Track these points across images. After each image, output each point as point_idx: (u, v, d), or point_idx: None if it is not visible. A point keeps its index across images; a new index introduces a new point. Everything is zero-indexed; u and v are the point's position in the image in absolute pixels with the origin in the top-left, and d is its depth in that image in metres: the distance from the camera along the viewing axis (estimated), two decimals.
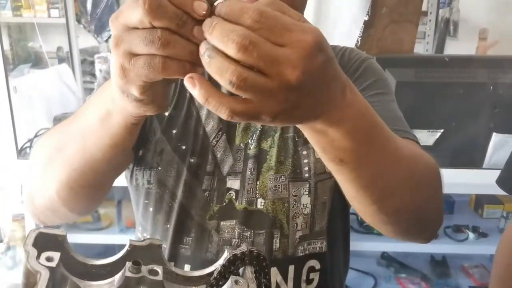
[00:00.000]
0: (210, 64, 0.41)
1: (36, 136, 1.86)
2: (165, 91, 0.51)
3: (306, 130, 0.51)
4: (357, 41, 1.66)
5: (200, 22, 0.43)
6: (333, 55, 0.44)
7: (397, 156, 0.57)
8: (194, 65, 0.44)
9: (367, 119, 0.52)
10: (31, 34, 3.24)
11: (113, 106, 0.54)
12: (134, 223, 0.92)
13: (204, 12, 0.42)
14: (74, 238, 1.96)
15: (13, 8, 3.05)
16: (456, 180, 1.66)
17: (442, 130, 1.63)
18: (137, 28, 0.43)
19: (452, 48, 2.71)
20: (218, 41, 0.40)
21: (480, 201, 2.10)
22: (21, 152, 1.78)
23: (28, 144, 1.82)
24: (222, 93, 0.42)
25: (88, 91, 2.73)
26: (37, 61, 3.20)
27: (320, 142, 0.51)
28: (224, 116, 0.42)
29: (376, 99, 0.78)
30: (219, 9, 0.41)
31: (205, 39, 0.42)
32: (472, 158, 1.69)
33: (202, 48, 0.41)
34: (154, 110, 0.50)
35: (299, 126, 0.50)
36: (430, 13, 2.55)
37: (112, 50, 0.45)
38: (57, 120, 1.93)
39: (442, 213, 0.70)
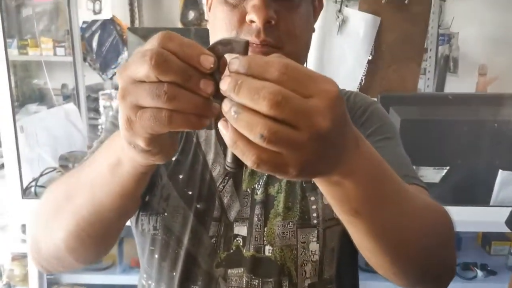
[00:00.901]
0: (238, 120, 0.40)
1: (41, 175, 1.85)
2: (172, 140, 0.51)
3: (322, 183, 0.50)
4: (361, 80, 1.68)
5: (206, 74, 0.43)
6: None
7: (410, 205, 0.57)
8: (200, 117, 0.44)
9: (379, 167, 0.52)
10: (36, 72, 3.29)
11: (123, 155, 0.54)
12: (137, 262, 0.90)
13: (211, 66, 0.43)
14: (74, 278, 1.92)
15: (19, 46, 3.11)
16: (463, 218, 1.63)
17: (448, 167, 1.63)
18: (144, 81, 0.43)
19: (453, 84, 2.74)
20: (247, 100, 0.40)
21: (487, 238, 2.08)
22: (26, 192, 1.77)
23: (33, 184, 1.81)
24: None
25: (92, 127, 2.74)
26: (42, 98, 3.23)
27: (335, 194, 0.50)
28: (249, 162, 0.41)
29: (383, 144, 0.78)
30: (237, 66, 0.41)
31: (212, 91, 0.43)
32: (479, 195, 1.68)
33: (227, 106, 0.41)
34: (162, 160, 0.50)
35: (315, 180, 0.49)
36: (430, 50, 2.59)
37: (119, 102, 0.45)
38: (63, 159, 1.93)
39: (455, 263, 0.68)
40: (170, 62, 0.42)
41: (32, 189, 1.81)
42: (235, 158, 0.45)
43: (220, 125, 0.42)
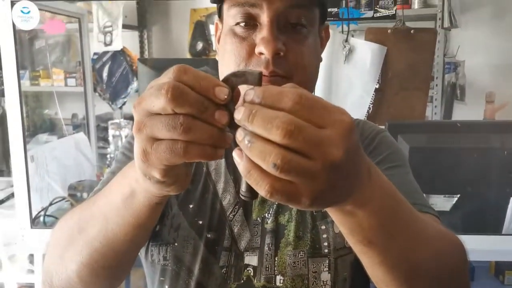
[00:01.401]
0: (252, 149, 0.41)
1: (50, 204, 1.86)
2: (186, 171, 0.51)
3: (335, 213, 0.50)
4: (369, 107, 1.69)
5: (220, 105, 0.44)
6: None
7: (423, 234, 0.57)
8: (215, 148, 0.44)
9: (391, 195, 0.52)
10: (47, 102, 3.34)
11: (137, 186, 0.54)
12: None
13: (225, 97, 0.43)
14: None
15: (31, 78, 3.18)
16: (475, 247, 1.61)
17: (458, 195, 1.61)
18: (160, 114, 0.44)
19: (460, 112, 2.73)
20: (261, 129, 0.40)
21: (501, 267, 2.03)
22: (35, 221, 1.77)
23: (42, 213, 1.82)
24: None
25: (101, 156, 2.76)
26: (52, 128, 3.27)
27: (349, 224, 0.50)
28: (262, 191, 0.41)
29: (392, 172, 0.78)
30: (252, 96, 0.42)
31: (226, 122, 0.43)
32: (490, 224, 1.65)
33: (240, 135, 0.42)
34: (176, 190, 0.51)
35: (328, 210, 0.49)
36: (436, 78, 2.60)
37: (134, 135, 0.46)
38: (72, 188, 1.94)
39: None
40: (186, 94, 0.43)
41: (41, 218, 1.81)
42: (250, 187, 0.45)
43: (235, 154, 0.43)
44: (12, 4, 1.60)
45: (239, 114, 0.42)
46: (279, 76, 0.71)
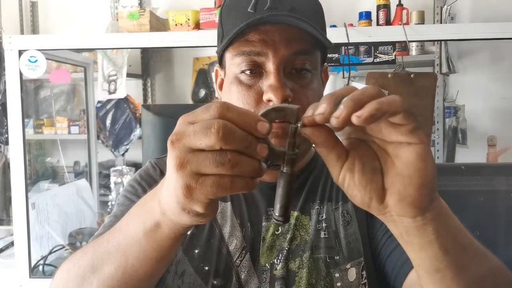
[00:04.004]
0: None
1: (50, 253, 1.82)
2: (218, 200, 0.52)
3: (415, 227, 0.51)
4: None
5: (260, 139, 0.47)
6: None
7: (482, 250, 0.59)
8: (253, 177, 0.47)
9: (453, 217, 0.56)
10: (50, 149, 3.36)
11: (163, 219, 0.54)
12: None
13: (266, 131, 0.46)
14: None
15: (35, 126, 3.21)
16: None
17: None
18: (203, 150, 0.45)
19: (463, 156, 2.74)
20: None
21: None
22: (34, 271, 1.73)
23: (41, 262, 1.78)
24: None
25: (102, 203, 2.73)
26: (54, 175, 3.27)
27: (426, 234, 0.52)
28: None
29: None
30: None
31: (266, 155, 0.46)
32: None
33: None
34: (208, 219, 0.52)
35: (407, 227, 0.51)
36: (437, 122, 2.63)
37: (175, 171, 0.46)
38: (72, 236, 1.91)
39: None
40: (234, 132, 0.45)
41: (40, 267, 1.77)
42: (283, 212, 0.48)
43: None
44: (20, 53, 1.64)
45: None
46: (288, 121, 0.72)
